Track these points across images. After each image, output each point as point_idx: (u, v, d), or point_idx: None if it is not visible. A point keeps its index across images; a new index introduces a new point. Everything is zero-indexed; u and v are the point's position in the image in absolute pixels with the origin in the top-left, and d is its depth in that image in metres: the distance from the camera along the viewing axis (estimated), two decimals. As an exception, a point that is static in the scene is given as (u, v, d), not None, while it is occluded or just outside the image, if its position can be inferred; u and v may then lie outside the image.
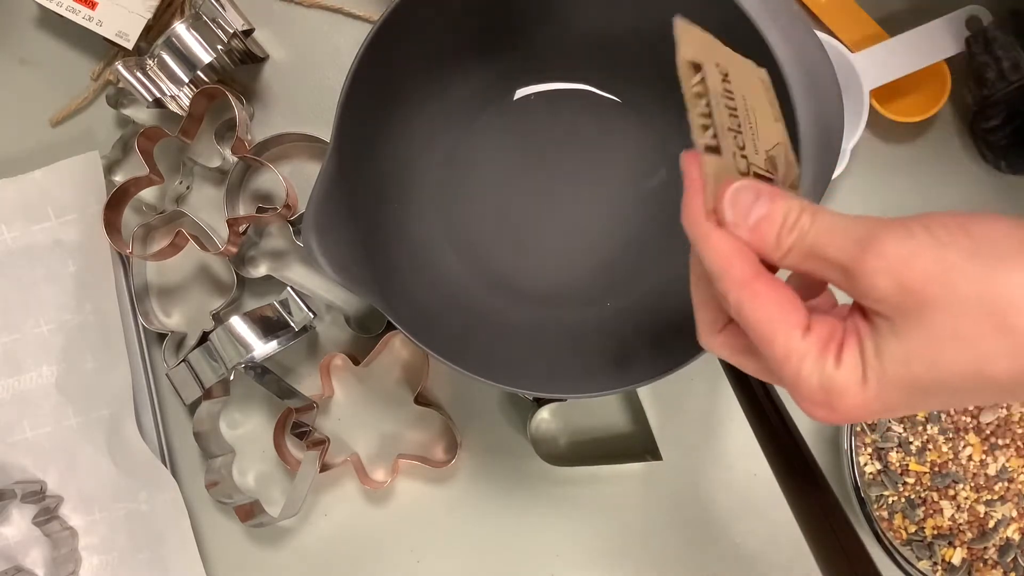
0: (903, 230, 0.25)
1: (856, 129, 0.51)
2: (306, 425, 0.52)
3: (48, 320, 0.54)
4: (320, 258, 0.41)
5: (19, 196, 0.54)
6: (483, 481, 0.55)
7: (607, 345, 0.50)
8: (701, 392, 0.54)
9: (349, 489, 0.55)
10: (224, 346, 0.50)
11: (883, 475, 0.50)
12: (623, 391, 0.49)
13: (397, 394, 0.55)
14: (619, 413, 0.54)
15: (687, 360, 0.41)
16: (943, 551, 0.50)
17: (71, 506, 0.54)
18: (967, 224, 0.25)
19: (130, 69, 0.50)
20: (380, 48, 0.43)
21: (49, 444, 0.54)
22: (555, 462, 0.53)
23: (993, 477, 0.50)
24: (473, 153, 0.52)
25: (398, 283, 0.48)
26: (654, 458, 0.52)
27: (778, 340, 0.26)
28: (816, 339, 0.26)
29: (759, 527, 0.54)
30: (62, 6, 0.51)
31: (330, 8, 0.55)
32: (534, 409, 0.53)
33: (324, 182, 0.42)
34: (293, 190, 0.53)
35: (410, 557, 0.55)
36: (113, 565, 0.54)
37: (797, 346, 0.26)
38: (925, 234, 0.25)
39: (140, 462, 0.53)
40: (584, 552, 0.54)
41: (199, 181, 0.55)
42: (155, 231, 0.55)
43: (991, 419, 0.50)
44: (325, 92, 0.55)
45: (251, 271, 0.54)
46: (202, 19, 0.50)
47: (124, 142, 0.55)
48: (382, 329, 0.53)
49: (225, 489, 0.53)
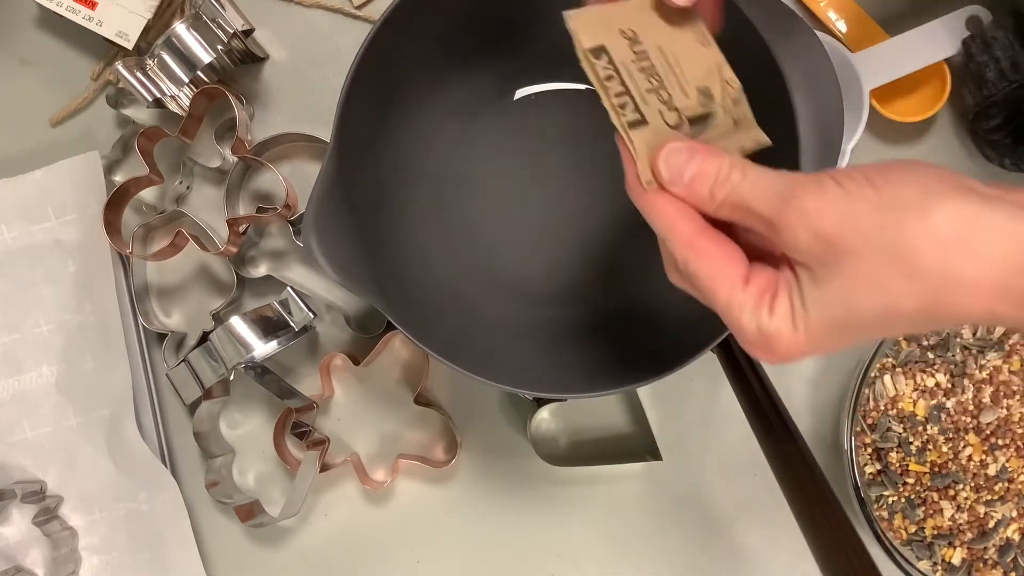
0: (817, 185, 0.27)
1: (856, 129, 0.51)
2: (306, 425, 0.52)
3: (48, 320, 0.54)
4: (320, 258, 0.41)
5: (19, 196, 0.54)
6: (483, 481, 0.55)
7: (607, 345, 0.50)
8: (701, 392, 0.54)
9: (349, 489, 0.55)
10: (224, 346, 0.50)
11: (883, 475, 0.50)
12: (623, 391, 0.49)
13: (397, 394, 0.55)
14: (619, 413, 0.54)
15: (687, 360, 0.41)
16: (943, 551, 0.50)
17: (71, 506, 0.54)
18: (872, 176, 0.27)
19: (130, 69, 0.50)
20: (380, 48, 0.43)
21: (49, 444, 0.54)
22: (555, 462, 0.53)
23: (993, 477, 0.50)
24: (473, 153, 0.52)
25: (398, 283, 0.48)
26: (654, 458, 0.52)
27: (720, 293, 0.29)
28: (754, 290, 0.29)
29: (759, 527, 0.54)
30: (62, 6, 0.51)
31: (330, 8, 0.55)
32: (534, 409, 0.53)
33: (324, 182, 0.42)
34: (293, 190, 0.53)
35: (410, 557, 0.55)
36: (113, 565, 0.54)
37: (737, 297, 0.29)
38: (836, 188, 0.27)
39: (140, 462, 0.53)
40: (584, 552, 0.54)
41: (199, 181, 0.55)
42: (155, 231, 0.55)
43: (991, 419, 0.50)
44: (325, 92, 0.55)
45: (251, 271, 0.54)
46: (202, 19, 0.50)
47: (124, 142, 0.55)
48: (382, 329, 0.53)
49: (225, 489, 0.53)
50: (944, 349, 0.50)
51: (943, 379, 0.50)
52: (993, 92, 0.48)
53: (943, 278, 0.25)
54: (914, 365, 0.51)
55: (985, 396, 0.50)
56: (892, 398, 0.50)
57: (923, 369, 0.51)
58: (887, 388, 0.50)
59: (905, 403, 0.50)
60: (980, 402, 0.50)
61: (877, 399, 0.50)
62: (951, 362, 0.50)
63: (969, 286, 0.25)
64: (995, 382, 0.50)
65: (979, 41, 0.49)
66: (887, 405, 0.50)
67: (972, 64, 0.49)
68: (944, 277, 0.25)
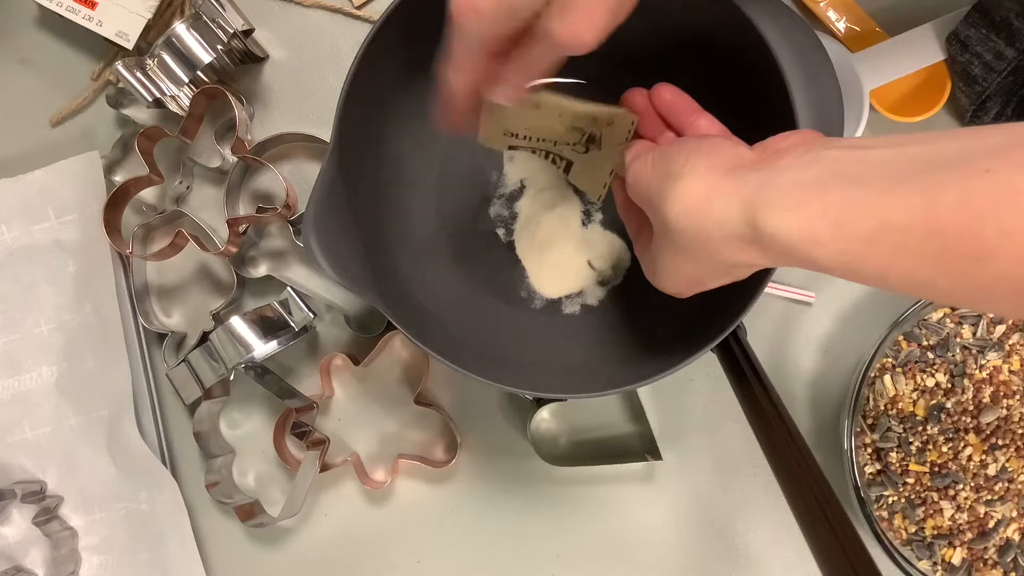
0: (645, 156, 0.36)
1: (856, 129, 0.51)
2: (306, 425, 0.52)
3: (48, 320, 0.54)
4: (320, 258, 0.41)
5: (19, 196, 0.54)
6: (483, 481, 0.55)
7: (607, 345, 0.50)
8: (701, 392, 0.54)
9: (349, 489, 0.55)
10: (224, 346, 0.50)
11: (883, 475, 0.50)
12: (623, 391, 0.49)
13: (397, 394, 0.55)
14: (619, 413, 0.54)
15: (687, 360, 0.41)
16: (943, 551, 0.50)
17: (71, 506, 0.54)
18: (665, 150, 0.35)
19: (130, 69, 0.50)
20: (380, 48, 0.43)
21: (49, 444, 0.54)
22: (555, 462, 0.53)
23: (993, 477, 0.50)
24: (477, 152, 0.52)
25: (398, 283, 0.48)
26: (654, 458, 0.52)
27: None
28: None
29: (759, 526, 0.54)
30: (62, 6, 0.51)
31: (330, 8, 0.55)
32: (534, 409, 0.53)
33: (324, 182, 0.42)
34: (293, 190, 0.53)
35: (410, 557, 0.55)
36: (113, 565, 0.54)
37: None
38: (652, 157, 0.36)
39: (140, 462, 0.53)
40: (584, 552, 0.54)
41: (199, 181, 0.55)
42: (155, 231, 0.55)
43: (991, 419, 0.50)
44: (325, 92, 0.55)
45: (251, 271, 0.54)
46: (202, 19, 0.50)
47: (124, 142, 0.55)
48: (382, 329, 0.53)
49: (225, 489, 0.53)
50: (944, 349, 0.50)
51: (943, 379, 0.50)
52: (984, 87, 0.48)
53: (702, 241, 0.31)
54: (914, 365, 0.51)
55: (985, 396, 0.50)
56: (892, 398, 0.50)
57: (923, 369, 0.51)
58: (887, 388, 0.50)
59: (905, 403, 0.50)
60: (980, 402, 0.50)
61: (877, 399, 0.50)
62: (951, 362, 0.50)
63: (720, 243, 0.31)
64: (995, 382, 0.50)
65: (954, 44, 0.49)
66: (887, 405, 0.50)
67: (956, 65, 0.49)
68: (702, 240, 0.31)
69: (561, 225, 0.51)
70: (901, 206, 0.25)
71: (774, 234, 0.28)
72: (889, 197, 0.26)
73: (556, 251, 0.51)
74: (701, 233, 0.31)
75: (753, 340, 0.46)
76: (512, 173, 0.52)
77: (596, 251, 0.51)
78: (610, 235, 0.51)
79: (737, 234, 0.30)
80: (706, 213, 0.31)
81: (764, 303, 0.53)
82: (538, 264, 0.51)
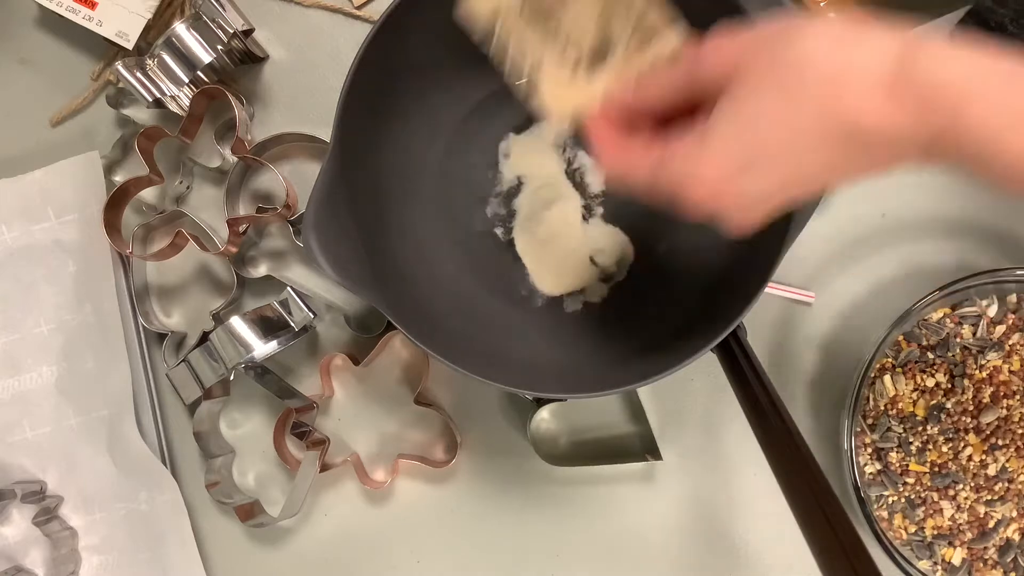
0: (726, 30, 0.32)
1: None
2: (306, 425, 0.52)
3: (48, 320, 0.54)
4: (320, 258, 0.41)
5: (19, 196, 0.54)
6: (483, 481, 0.55)
7: (607, 345, 0.50)
8: (701, 392, 0.54)
9: (349, 489, 0.55)
10: (224, 346, 0.50)
11: (883, 475, 0.50)
12: (623, 391, 0.49)
13: (397, 394, 0.55)
14: (619, 413, 0.54)
15: (687, 360, 0.41)
16: (943, 551, 0.50)
17: (71, 506, 0.54)
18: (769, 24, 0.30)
19: (130, 69, 0.50)
20: (380, 48, 0.43)
21: (49, 444, 0.54)
22: (555, 462, 0.53)
23: (993, 477, 0.50)
24: (473, 151, 0.52)
25: (398, 283, 0.48)
26: (654, 458, 0.52)
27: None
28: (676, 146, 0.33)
29: (759, 526, 0.54)
30: (62, 6, 0.51)
31: (330, 8, 0.55)
32: (534, 409, 0.53)
33: (324, 182, 0.42)
34: (293, 190, 0.53)
35: (410, 557, 0.55)
36: (113, 565, 0.54)
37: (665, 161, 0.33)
38: (741, 29, 0.31)
39: (140, 462, 0.53)
40: (584, 552, 0.54)
41: (199, 181, 0.55)
42: (155, 231, 0.55)
43: (991, 419, 0.50)
44: (325, 92, 0.55)
45: (251, 271, 0.54)
46: (202, 19, 0.50)
47: (124, 142, 0.55)
48: (382, 329, 0.53)
49: (225, 489, 0.53)
50: (944, 349, 0.50)
51: (943, 379, 0.50)
52: None
53: (833, 75, 0.28)
54: (914, 365, 0.51)
55: (985, 396, 0.50)
56: (892, 398, 0.50)
57: (923, 369, 0.51)
58: (887, 388, 0.50)
59: (905, 403, 0.50)
60: (980, 402, 0.50)
61: (877, 399, 0.50)
62: (951, 362, 0.50)
63: (859, 75, 0.27)
64: (995, 382, 0.50)
65: None
66: (887, 405, 0.50)
67: None
68: (834, 74, 0.28)
69: (561, 221, 0.51)
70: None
71: (940, 83, 0.27)
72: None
73: (557, 248, 0.51)
74: (839, 67, 0.28)
75: (753, 340, 0.46)
76: (508, 171, 0.52)
77: (598, 246, 0.51)
78: (612, 229, 0.51)
79: (890, 68, 0.27)
80: (855, 42, 0.28)
81: (764, 303, 0.53)
82: (539, 261, 0.51)
